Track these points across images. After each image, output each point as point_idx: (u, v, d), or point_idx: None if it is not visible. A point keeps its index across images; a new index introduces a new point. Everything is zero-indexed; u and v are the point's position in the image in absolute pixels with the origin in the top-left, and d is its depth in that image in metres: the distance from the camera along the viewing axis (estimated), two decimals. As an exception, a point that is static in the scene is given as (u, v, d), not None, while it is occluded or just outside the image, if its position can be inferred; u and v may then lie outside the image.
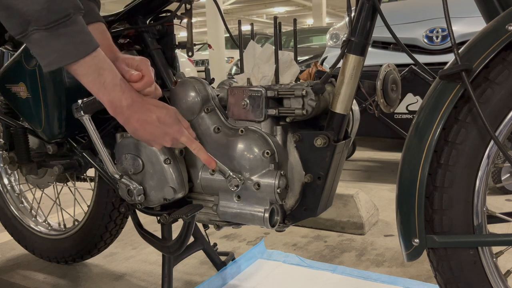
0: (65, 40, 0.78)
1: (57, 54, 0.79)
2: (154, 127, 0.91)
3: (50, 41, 0.77)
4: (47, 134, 1.25)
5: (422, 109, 0.83)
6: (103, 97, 0.87)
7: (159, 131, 0.92)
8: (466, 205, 0.81)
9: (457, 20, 2.51)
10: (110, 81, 0.85)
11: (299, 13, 20.99)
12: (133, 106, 0.88)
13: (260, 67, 1.06)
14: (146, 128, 0.91)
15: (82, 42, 0.81)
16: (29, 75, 1.20)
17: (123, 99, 0.87)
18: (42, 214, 1.77)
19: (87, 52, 0.81)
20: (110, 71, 0.85)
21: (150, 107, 0.91)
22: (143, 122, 0.90)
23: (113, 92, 0.86)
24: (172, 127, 0.93)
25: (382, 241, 1.83)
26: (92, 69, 0.83)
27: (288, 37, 7.68)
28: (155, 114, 0.91)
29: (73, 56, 0.80)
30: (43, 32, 0.77)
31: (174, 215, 1.11)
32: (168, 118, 0.92)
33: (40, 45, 0.78)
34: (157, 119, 0.91)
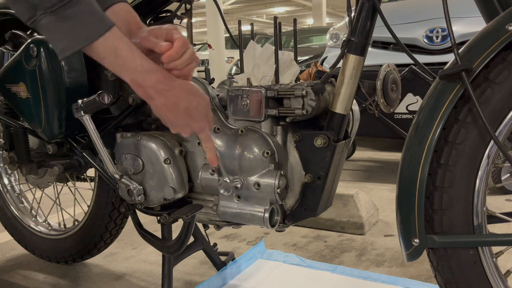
0: (73, 22, 0.73)
1: (68, 38, 0.74)
2: (178, 117, 0.85)
3: (58, 25, 0.73)
4: (47, 134, 1.25)
5: (422, 109, 0.83)
6: (125, 77, 0.81)
7: (182, 122, 0.86)
8: (466, 205, 0.81)
9: (457, 20, 2.51)
10: (129, 62, 0.78)
11: (299, 13, 20.99)
12: (158, 87, 0.81)
13: (260, 67, 1.06)
14: (169, 115, 0.84)
15: (92, 23, 0.75)
16: (29, 75, 1.20)
17: (146, 80, 0.80)
18: (42, 214, 1.77)
19: (99, 33, 0.75)
20: (128, 51, 0.78)
21: (180, 94, 0.83)
22: (167, 108, 0.83)
23: (135, 72, 0.79)
24: (198, 122, 0.87)
25: (382, 241, 1.83)
26: (108, 51, 0.77)
27: (288, 37, 7.68)
28: (184, 104, 0.83)
29: (84, 40, 0.74)
30: (50, 15, 0.72)
31: (174, 215, 1.11)
32: (196, 111, 0.85)
33: (50, 30, 0.74)
34: (184, 110, 0.84)
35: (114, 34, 0.78)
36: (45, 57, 1.16)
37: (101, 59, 0.79)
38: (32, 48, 1.17)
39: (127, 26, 0.93)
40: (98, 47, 0.76)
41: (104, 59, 0.78)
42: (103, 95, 1.06)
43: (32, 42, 1.18)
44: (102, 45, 0.76)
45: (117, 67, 0.79)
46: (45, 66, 1.17)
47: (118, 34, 0.78)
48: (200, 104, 0.86)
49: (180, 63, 0.85)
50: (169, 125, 0.88)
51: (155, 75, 0.80)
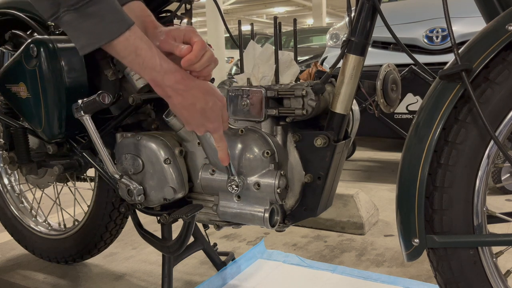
0: (95, 20, 0.74)
1: (89, 35, 0.75)
2: (193, 117, 0.86)
3: (81, 22, 0.74)
4: (47, 134, 1.25)
5: (422, 109, 0.83)
6: (145, 76, 0.82)
7: (197, 122, 0.87)
8: (466, 205, 0.81)
9: (457, 20, 2.51)
10: (148, 61, 0.80)
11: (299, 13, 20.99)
12: (175, 87, 0.82)
13: (260, 67, 1.06)
14: (184, 114, 0.86)
15: (113, 21, 0.76)
16: (29, 75, 1.20)
17: (165, 79, 0.81)
18: (42, 214, 1.77)
19: (120, 31, 0.76)
20: (147, 50, 0.80)
21: (197, 94, 0.84)
22: (183, 107, 0.84)
23: (153, 72, 0.81)
24: (212, 123, 0.88)
25: (382, 241, 1.83)
26: (129, 50, 0.78)
27: (288, 37, 7.68)
28: (200, 104, 0.85)
29: (105, 37, 0.76)
30: (73, 13, 0.73)
31: (174, 215, 1.11)
32: (211, 113, 0.87)
33: (72, 27, 0.75)
34: (200, 110, 0.85)
35: (134, 33, 0.79)
36: (45, 57, 1.16)
37: (122, 58, 0.80)
38: (32, 48, 1.17)
39: (143, 25, 0.93)
40: (119, 46, 0.77)
41: (125, 58, 0.80)
42: (103, 95, 1.06)
43: (32, 42, 1.18)
44: (122, 44, 0.77)
45: (137, 66, 0.81)
46: (45, 66, 1.16)
47: (138, 33, 0.79)
48: (216, 105, 0.87)
49: (199, 66, 0.86)
50: (184, 123, 0.90)
51: (174, 75, 0.82)
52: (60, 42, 1.19)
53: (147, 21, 0.94)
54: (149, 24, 0.94)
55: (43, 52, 1.16)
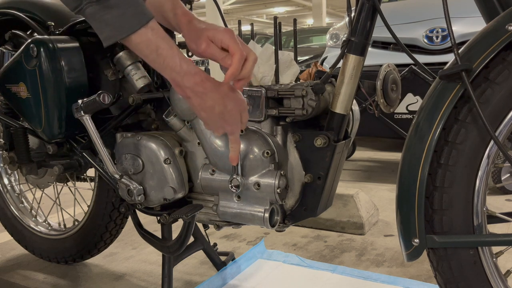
0: (117, 12, 0.76)
1: (111, 27, 0.76)
2: (211, 119, 0.86)
3: (103, 14, 0.76)
4: (47, 134, 1.25)
5: (422, 109, 0.83)
6: (165, 75, 0.83)
7: (216, 124, 0.87)
8: (466, 205, 0.81)
9: (457, 20, 2.51)
10: (169, 61, 0.80)
11: (299, 13, 20.99)
12: (195, 89, 0.83)
13: (260, 67, 1.06)
14: (203, 115, 0.86)
15: (134, 15, 0.77)
16: (29, 75, 1.20)
17: (185, 81, 0.82)
18: (42, 214, 1.77)
19: (140, 24, 0.77)
20: (169, 50, 0.80)
21: (215, 97, 0.84)
22: (202, 109, 0.85)
23: (173, 72, 0.81)
24: (231, 126, 0.88)
25: (382, 241, 1.83)
26: (150, 49, 0.79)
27: (288, 37, 7.68)
28: (219, 107, 0.84)
29: (126, 30, 0.77)
30: (95, 5, 0.75)
31: (174, 215, 1.11)
32: (230, 116, 0.86)
33: (95, 19, 0.77)
34: (219, 113, 0.85)
35: (156, 32, 0.79)
36: (45, 57, 1.16)
37: (144, 57, 0.81)
38: (32, 48, 1.17)
39: (176, 18, 0.94)
40: (141, 44, 0.79)
41: (147, 57, 0.81)
42: (103, 95, 1.07)
43: (32, 42, 1.18)
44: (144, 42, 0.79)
45: (157, 65, 0.82)
46: (45, 66, 1.17)
47: (160, 33, 0.80)
48: (235, 109, 0.87)
49: (242, 76, 0.86)
50: (204, 123, 0.90)
51: (193, 77, 0.82)
52: (60, 42, 1.19)
53: (179, 14, 0.93)
54: (182, 18, 0.93)
55: (43, 52, 1.16)
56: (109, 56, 1.25)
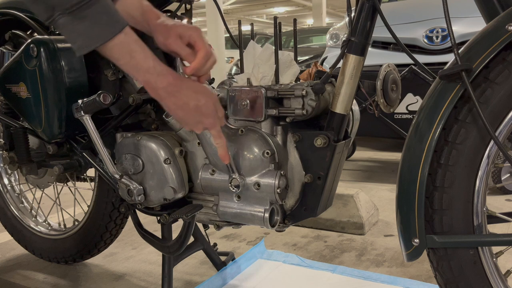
0: (89, 22, 0.76)
1: (83, 37, 0.77)
2: (189, 115, 0.88)
3: (75, 24, 0.76)
4: (47, 134, 1.25)
5: (422, 109, 0.83)
6: (139, 78, 0.84)
7: (194, 120, 0.89)
8: (466, 205, 0.81)
9: (457, 20, 2.51)
10: (142, 64, 0.82)
11: (299, 13, 20.98)
12: (169, 89, 0.85)
13: (260, 67, 1.06)
14: (180, 114, 0.88)
15: (107, 24, 0.78)
16: (29, 75, 1.20)
17: (158, 81, 0.84)
18: (42, 214, 1.77)
19: (113, 33, 0.78)
20: (141, 53, 0.82)
21: (189, 93, 0.87)
22: (178, 107, 0.87)
23: (147, 74, 0.83)
24: (208, 119, 0.90)
25: (382, 241, 1.83)
26: (123, 52, 0.80)
27: (288, 37, 7.68)
28: (194, 102, 0.87)
29: (99, 39, 0.78)
30: (67, 16, 0.75)
31: (174, 215, 1.11)
32: (205, 108, 0.89)
33: (67, 30, 0.77)
34: (194, 107, 0.87)
35: (129, 36, 0.81)
36: (45, 57, 1.16)
37: (116, 60, 0.82)
38: (32, 48, 1.17)
39: (147, 17, 0.95)
40: (114, 48, 0.80)
41: (119, 59, 0.82)
42: (103, 95, 1.06)
43: (32, 42, 1.18)
44: (117, 46, 0.80)
45: (131, 68, 0.83)
46: (45, 66, 1.17)
47: (133, 36, 0.82)
48: (209, 101, 0.89)
49: (202, 72, 0.91)
50: (182, 123, 0.92)
51: (166, 77, 0.84)
52: (60, 42, 1.19)
53: (147, 11, 0.95)
54: (152, 15, 0.95)
55: (43, 52, 1.16)
56: (109, 56, 1.25)
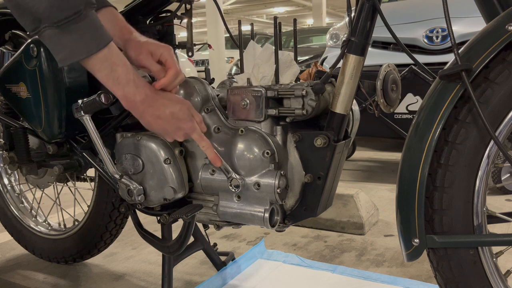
0: (75, 36, 0.79)
1: (68, 50, 0.79)
2: (167, 123, 0.92)
3: (61, 37, 0.78)
4: (47, 134, 1.25)
5: (422, 109, 0.83)
6: (117, 91, 0.87)
7: (172, 127, 0.93)
8: (466, 205, 0.81)
9: (457, 20, 2.51)
10: (123, 77, 0.85)
11: (299, 13, 20.98)
12: (146, 101, 0.89)
13: (260, 67, 1.06)
14: (159, 123, 0.92)
15: (92, 38, 0.80)
16: (29, 75, 1.20)
17: (137, 94, 0.87)
18: (42, 214, 1.77)
19: (98, 47, 0.81)
20: (123, 67, 0.85)
21: (164, 102, 0.91)
22: (156, 117, 0.91)
23: (126, 87, 0.86)
24: (185, 123, 0.94)
25: (382, 241, 1.83)
26: (105, 65, 0.83)
27: (288, 37, 7.68)
28: (169, 109, 0.92)
29: (84, 52, 0.80)
30: (54, 29, 0.77)
31: (174, 215, 1.11)
32: (181, 113, 0.93)
33: (52, 41, 0.79)
34: (170, 114, 0.92)
35: (112, 50, 0.83)
36: (45, 57, 1.16)
37: (97, 72, 0.84)
38: (32, 48, 1.17)
39: (120, 32, 0.98)
40: (96, 60, 0.82)
41: (99, 71, 0.84)
42: (103, 95, 1.06)
43: (32, 42, 1.18)
44: (100, 59, 0.82)
45: (110, 81, 0.85)
46: (45, 66, 1.16)
47: (115, 50, 0.84)
48: (183, 106, 0.94)
49: (170, 88, 0.96)
50: (163, 135, 0.97)
51: (144, 90, 0.88)
52: (60, 42, 1.19)
53: (121, 27, 0.99)
54: (124, 30, 0.99)
55: (43, 52, 1.16)
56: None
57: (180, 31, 1.39)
